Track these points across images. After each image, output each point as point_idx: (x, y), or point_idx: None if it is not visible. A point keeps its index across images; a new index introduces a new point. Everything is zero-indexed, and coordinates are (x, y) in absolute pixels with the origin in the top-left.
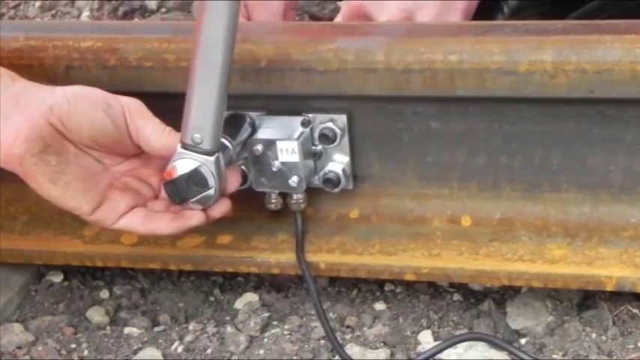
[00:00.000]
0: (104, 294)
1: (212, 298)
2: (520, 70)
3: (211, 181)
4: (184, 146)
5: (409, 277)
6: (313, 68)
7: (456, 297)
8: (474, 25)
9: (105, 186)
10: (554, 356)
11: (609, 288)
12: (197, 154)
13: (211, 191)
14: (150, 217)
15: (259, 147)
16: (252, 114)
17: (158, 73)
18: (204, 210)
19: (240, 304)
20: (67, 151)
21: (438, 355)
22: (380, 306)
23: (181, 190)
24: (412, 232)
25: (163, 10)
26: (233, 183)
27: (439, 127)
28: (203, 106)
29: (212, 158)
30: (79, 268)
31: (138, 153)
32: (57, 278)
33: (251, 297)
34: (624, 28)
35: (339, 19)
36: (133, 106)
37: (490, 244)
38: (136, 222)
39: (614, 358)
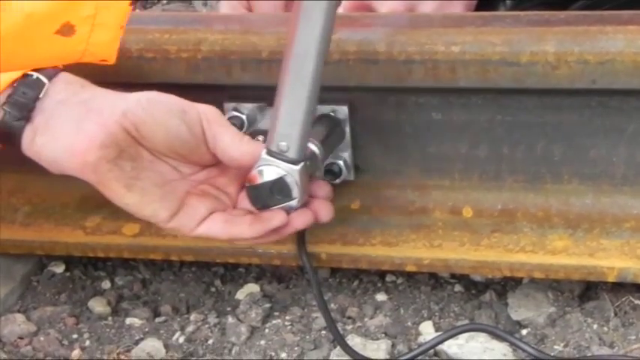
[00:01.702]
0: (106, 284)
1: (213, 289)
2: (522, 60)
3: (295, 192)
4: (270, 153)
5: (410, 268)
6: None
7: (457, 288)
8: (476, 15)
9: (182, 193)
10: (555, 347)
11: (611, 279)
12: (282, 162)
13: (294, 202)
14: (230, 222)
15: (260, 138)
16: (332, 108)
17: (159, 64)
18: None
19: (241, 294)
20: (142, 157)
21: (439, 346)
22: (381, 297)
23: (263, 197)
24: (413, 223)
25: (164, 1)
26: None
27: (441, 118)
28: (291, 115)
29: (297, 167)
30: (80, 258)
31: (213, 163)
32: (59, 269)
33: (252, 288)
34: (627, 18)
35: (340, 10)
36: (211, 113)
37: (491, 235)
38: (217, 227)
39: (616, 349)
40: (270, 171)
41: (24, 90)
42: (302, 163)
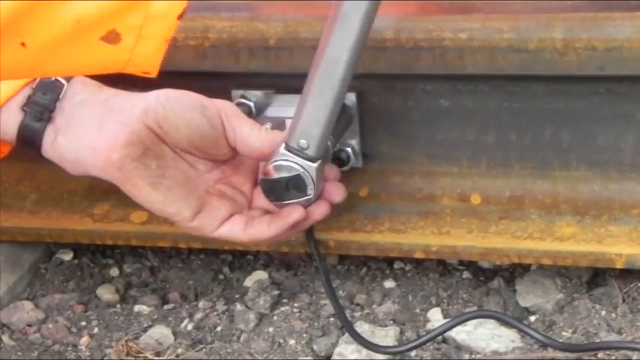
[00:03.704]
0: (114, 272)
1: (221, 276)
2: (530, 47)
3: (310, 188)
4: (288, 148)
5: (418, 254)
6: None
7: (466, 275)
8: (484, 2)
9: (202, 192)
10: (563, 333)
11: (619, 265)
12: (300, 159)
13: (309, 197)
14: (250, 224)
15: (268, 125)
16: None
17: (166, 51)
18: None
19: (249, 282)
20: (165, 155)
21: (448, 333)
22: (389, 284)
23: (278, 191)
24: (421, 210)
25: None
26: (339, 194)
27: (449, 105)
28: (315, 115)
29: (315, 165)
30: (88, 246)
31: (228, 158)
32: (67, 256)
33: (260, 275)
34: (634, 5)
35: None
36: (229, 107)
37: (499, 222)
38: (238, 229)
39: (624, 335)
40: (286, 166)
41: (43, 91)
42: (319, 161)
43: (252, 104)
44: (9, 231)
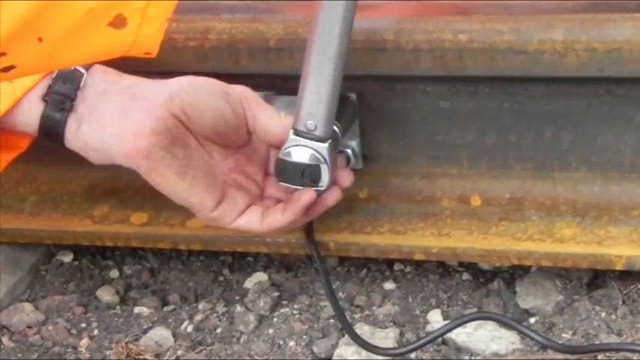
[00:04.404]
0: (114, 273)
1: (221, 278)
2: (530, 49)
3: (324, 179)
4: (297, 133)
5: (418, 256)
6: None
7: (466, 276)
8: (484, 4)
9: (221, 182)
10: (563, 335)
11: (619, 267)
12: (310, 141)
13: (320, 189)
14: (265, 214)
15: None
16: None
17: (167, 53)
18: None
19: (249, 283)
20: (191, 143)
21: (448, 335)
22: (389, 285)
23: (291, 174)
24: (421, 212)
25: None
26: (348, 178)
27: (448, 107)
28: (317, 92)
29: (325, 145)
30: (88, 247)
31: (241, 145)
32: (67, 258)
33: (260, 276)
34: (635, 6)
35: None
36: (247, 92)
37: (499, 224)
38: (255, 220)
39: (624, 337)
40: (299, 151)
41: (63, 81)
42: (329, 140)
43: None
44: (9, 233)
